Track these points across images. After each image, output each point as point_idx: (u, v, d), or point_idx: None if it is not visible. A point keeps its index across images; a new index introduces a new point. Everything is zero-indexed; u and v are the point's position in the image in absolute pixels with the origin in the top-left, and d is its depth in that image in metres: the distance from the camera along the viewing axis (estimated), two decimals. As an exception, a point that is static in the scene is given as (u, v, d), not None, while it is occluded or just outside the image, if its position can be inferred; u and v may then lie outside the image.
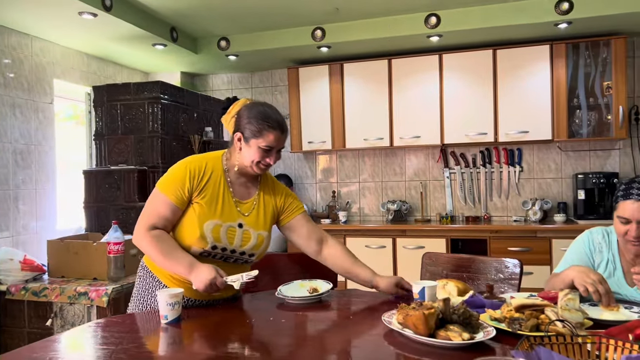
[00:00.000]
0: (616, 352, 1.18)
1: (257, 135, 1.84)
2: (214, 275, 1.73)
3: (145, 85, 3.84)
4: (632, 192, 1.84)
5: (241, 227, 1.89)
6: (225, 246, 1.86)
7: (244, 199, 1.94)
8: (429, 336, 1.38)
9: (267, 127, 1.84)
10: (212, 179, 1.88)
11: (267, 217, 1.97)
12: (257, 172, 1.91)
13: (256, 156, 1.85)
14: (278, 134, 1.86)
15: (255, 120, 1.84)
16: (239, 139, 1.88)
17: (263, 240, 1.94)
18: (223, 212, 1.87)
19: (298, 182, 5.15)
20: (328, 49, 4.40)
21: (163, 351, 1.49)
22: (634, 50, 4.31)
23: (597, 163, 4.42)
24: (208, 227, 1.83)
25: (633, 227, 1.82)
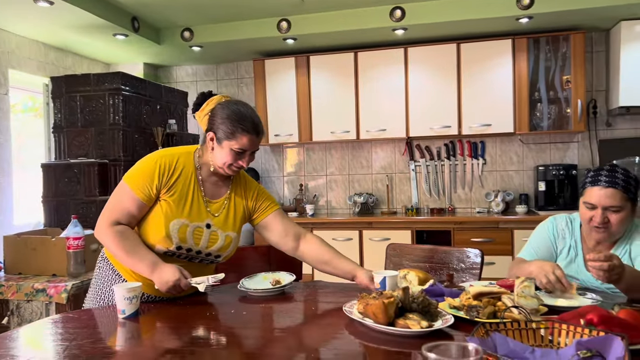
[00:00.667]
0: (568, 336, 1.21)
1: (230, 137, 1.75)
2: (177, 276, 1.69)
3: (105, 76, 3.74)
4: (600, 179, 1.88)
5: (209, 228, 1.83)
6: (190, 247, 1.81)
7: (214, 199, 1.87)
8: (388, 325, 1.38)
9: (242, 129, 1.74)
10: (183, 176, 1.81)
11: (236, 217, 1.91)
12: (228, 174, 1.84)
13: (228, 158, 1.78)
14: (252, 137, 1.77)
15: (229, 121, 1.75)
16: (211, 138, 1.80)
17: (231, 242, 1.89)
18: (191, 212, 1.80)
19: (265, 175, 5.12)
20: (294, 41, 4.37)
21: (120, 346, 1.45)
22: (592, 46, 4.43)
23: (557, 155, 4.54)
24: (174, 227, 1.76)
25: (598, 212, 1.86)
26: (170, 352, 1.34)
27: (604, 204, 1.85)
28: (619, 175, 1.86)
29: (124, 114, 3.69)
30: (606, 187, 1.85)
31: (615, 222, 1.85)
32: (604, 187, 1.85)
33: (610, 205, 1.84)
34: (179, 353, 1.34)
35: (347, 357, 1.28)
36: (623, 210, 1.84)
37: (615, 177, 1.85)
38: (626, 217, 1.86)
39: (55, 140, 3.78)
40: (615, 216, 1.84)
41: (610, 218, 1.85)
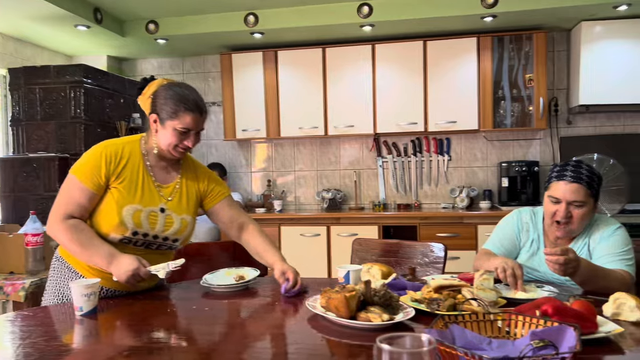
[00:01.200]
0: (524, 327, 1.24)
1: (172, 117, 1.77)
2: (136, 265, 1.68)
3: (66, 69, 3.65)
4: (565, 174, 1.91)
5: (163, 212, 1.83)
6: (146, 232, 1.80)
7: (165, 183, 1.88)
8: (350, 318, 1.39)
9: (184, 108, 1.77)
10: (130, 162, 1.81)
11: (190, 201, 1.92)
12: (175, 156, 1.85)
13: (173, 139, 1.79)
14: (196, 116, 1.79)
15: (171, 101, 1.77)
16: (154, 120, 1.80)
17: (187, 225, 1.89)
18: (143, 197, 1.80)
19: (232, 171, 5.08)
20: (262, 35, 4.34)
21: (77, 344, 1.42)
22: (554, 45, 4.54)
23: (519, 152, 4.64)
24: (128, 213, 1.76)
25: (562, 207, 1.89)
26: (128, 350, 1.32)
27: (568, 199, 1.89)
28: (584, 171, 1.90)
29: (85, 107, 3.61)
30: (571, 182, 1.88)
31: (577, 217, 1.89)
32: (569, 182, 1.89)
33: (575, 200, 1.88)
34: (137, 350, 1.31)
35: (309, 351, 1.28)
36: (585, 206, 1.89)
37: (581, 172, 1.90)
38: (588, 213, 1.90)
39: (13, 133, 3.66)
40: (578, 211, 1.89)
41: (573, 213, 1.89)
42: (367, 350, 1.26)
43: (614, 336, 1.29)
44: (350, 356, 1.26)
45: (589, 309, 1.33)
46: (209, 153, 5.14)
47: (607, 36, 4.09)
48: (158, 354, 1.29)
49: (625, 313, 1.42)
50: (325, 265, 4.31)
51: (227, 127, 4.71)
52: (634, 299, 1.43)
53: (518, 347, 1.13)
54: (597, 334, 1.26)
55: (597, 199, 1.93)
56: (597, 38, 4.10)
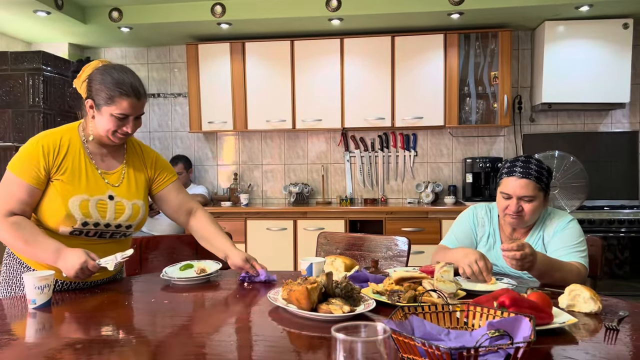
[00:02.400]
0: (482, 318, 1.25)
1: (109, 103, 1.69)
2: (83, 259, 1.62)
3: (24, 55, 3.52)
4: (515, 170, 1.97)
5: (112, 199, 1.78)
6: (97, 221, 1.74)
7: (110, 170, 1.82)
8: (311, 310, 1.38)
9: (120, 93, 1.68)
10: (70, 152, 1.74)
11: (139, 185, 1.87)
12: (115, 142, 1.78)
13: (110, 125, 1.72)
14: (133, 101, 1.71)
15: (107, 86, 1.68)
16: (90, 106, 1.73)
17: (139, 210, 1.84)
18: (88, 186, 1.74)
19: (198, 164, 5.01)
20: (229, 26, 4.28)
21: (29, 337, 1.37)
22: (519, 43, 4.63)
23: (484, 148, 4.72)
24: (74, 204, 1.70)
25: (513, 202, 1.95)
26: (81, 343, 1.28)
27: (518, 194, 1.94)
28: (533, 166, 1.96)
29: (44, 96, 3.49)
30: (520, 178, 1.94)
31: (528, 211, 1.95)
32: (518, 178, 1.94)
33: (524, 195, 1.93)
34: (91, 344, 1.27)
35: (270, 343, 1.27)
36: (536, 200, 1.94)
37: (529, 168, 1.95)
38: (539, 206, 1.96)
39: (-33, 121, 3.52)
40: (528, 205, 1.94)
41: (524, 207, 1.94)
42: (328, 341, 1.26)
43: (568, 327, 1.32)
44: (311, 348, 1.25)
45: (545, 301, 1.35)
46: (174, 145, 5.05)
47: (570, 36, 4.19)
48: (111, 347, 1.25)
49: (579, 304, 1.46)
50: (292, 259, 4.30)
51: (193, 118, 4.63)
52: (588, 290, 1.46)
53: (475, 338, 1.14)
54: (552, 325, 1.29)
55: (547, 192, 1.99)
56: (560, 37, 4.20)
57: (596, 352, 1.17)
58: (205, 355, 1.20)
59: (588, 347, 1.22)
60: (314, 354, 1.21)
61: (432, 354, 1.03)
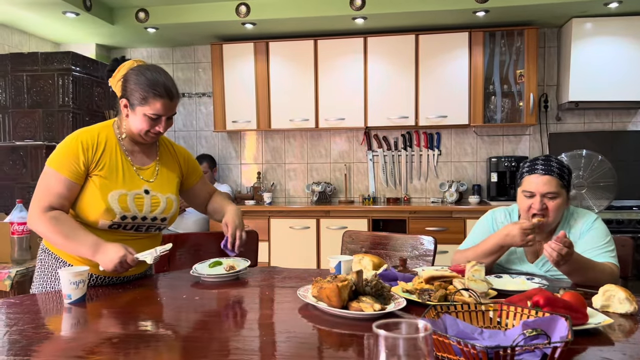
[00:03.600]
0: (515, 318, 1.24)
1: (142, 103, 1.74)
2: (122, 252, 1.66)
3: (54, 56, 3.59)
4: (537, 167, 1.95)
5: (148, 194, 1.84)
6: (135, 214, 1.80)
7: (144, 166, 1.88)
8: (342, 308, 1.39)
9: (154, 94, 1.73)
10: (107, 149, 1.79)
11: (171, 180, 1.94)
12: (147, 141, 1.84)
13: (144, 125, 1.77)
14: (166, 102, 1.75)
15: (141, 87, 1.73)
16: (125, 105, 1.78)
17: (172, 204, 1.91)
18: (125, 181, 1.80)
19: (222, 162, 5.05)
20: (253, 25, 4.31)
21: (65, 331, 1.40)
22: (545, 41, 4.56)
23: (509, 147, 4.66)
24: (113, 198, 1.75)
25: (537, 199, 1.92)
26: (116, 338, 1.30)
27: (541, 191, 1.91)
28: (554, 163, 1.94)
29: (74, 96, 3.56)
30: (543, 175, 1.92)
31: (552, 209, 1.91)
32: (541, 175, 1.92)
33: (548, 192, 1.91)
34: (125, 339, 1.30)
35: (300, 340, 1.28)
36: (559, 197, 1.92)
37: (551, 164, 1.94)
38: (562, 204, 1.93)
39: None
40: (552, 203, 1.91)
41: (548, 205, 1.91)
42: (358, 339, 1.26)
43: (603, 327, 1.30)
44: (342, 345, 1.26)
45: (579, 301, 1.34)
46: (198, 144, 5.10)
47: (598, 33, 4.11)
48: (146, 342, 1.27)
49: (614, 305, 1.44)
50: (315, 258, 4.31)
51: (217, 118, 4.68)
52: (623, 291, 1.44)
53: (510, 337, 1.13)
54: (587, 325, 1.27)
55: (569, 190, 1.96)
56: (587, 35, 4.13)
57: (633, 353, 1.15)
58: (237, 350, 1.21)
59: (625, 348, 1.20)
60: (345, 352, 1.22)
61: (468, 352, 1.02)
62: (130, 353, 1.19)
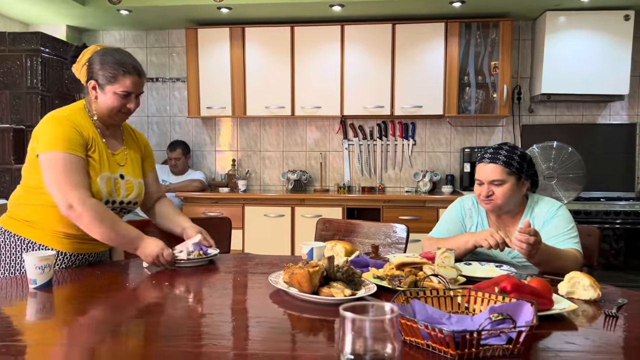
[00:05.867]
0: (483, 303, 1.26)
1: (112, 81, 1.76)
2: (161, 247, 1.75)
3: (23, 36, 3.49)
4: (485, 157, 2.04)
5: (123, 178, 1.86)
6: (114, 199, 1.82)
7: (116, 150, 1.89)
8: (313, 293, 1.39)
9: (123, 71, 1.76)
10: (89, 131, 1.79)
11: (139, 165, 1.98)
12: (117, 121, 1.86)
13: (115, 103, 1.78)
14: (135, 78, 1.79)
15: (109, 66, 1.76)
16: (93, 87, 1.78)
17: (142, 188, 1.95)
18: (108, 164, 1.81)
19: (196, 149, 4.99)
20: (229, 10, 4.24)
21: (31, 317, 1.37)
22: (519, 34, 4.61)
23: (482, 138, 4.72)
24: (102, 181, 1.77)
25: (484, 187, 2.00)
26: (83, 323, 1.28)
27: (487, 179, 1.99)
28: (503, 152, 2.01)
29: (42, 77, 3.46)
30: (488, 163, 2.00)
31: (498, 194, 1.98)
32: (487, 163, 2.01)
33: (494, 179, 1.98)
34: (93, 325, 1.28)
35: (271, 325, 1.28)
36: (505, 184, 1.98)
37: (499, 153, 2.00)
38: (510, 190, 1.98)
39: (-37, 102, 3.49)
40: (498, 189, 1.98)
41: (495, 191, 1.99)
42: (329, 324, 1.27)
43: (568, 313, 1.33)
44: (312, 330, 1.26)
45: (545, 287, 1.36)
46: (172, 130, 5.03)
47: (571, 27, 4.18)
48: (114, 327, 1.25)
49: (579, 291, 1.47)
50: (289, 246, 4.31)
51: (192, 104, 4.61)
52: (587, 278, 1.47)
53: (477, 322, 1.15)
54: (552, 311, 1.30)
55: (522, 177, 2.00)
56: (560, 28, 4.19)
57: (596, 338, 1.18)
58: (207, 334, 1.20)
59: (588, 332, 1.23)
60: (315, 336, 1.22)
61: (435, 337, 1.03)
62: (98, 339, 1.17)
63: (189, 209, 4.35)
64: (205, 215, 4.27)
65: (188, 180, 4.49)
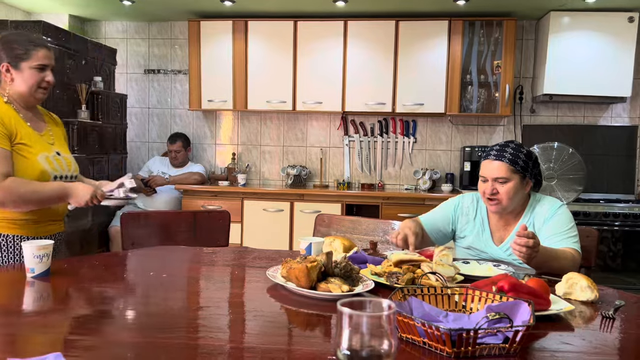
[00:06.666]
0: (480, 302, 1.26)
1: (26, 58, 1.80)
2: (92, 189, 1.81)
3: (25, 25, 3.47)
4: (490, 153, 2.03)
5: (60, 155, 1.92)
6: (61, 174, 1.89)
7: (41, 131, 1.92)
8: (310, 288, 1.39)
9: (34, 45, 1.82)
10: (12, 119, 1.80)
11: (65, 142, 2.05)
12: (39, 99, 1.87)
13: (34, 78, 1.81)
14: (46, 51, 1.85)
15: (19, 44, 1.81)
16: (6, 69, 1.81)
17: (75, 162, 2.03)
18: (41, 145, 1.85)
19: (196, 142, 4.98)
20: (232, 3, 4.23)
21: (28, 306, 1.37)
22: (523, 33, 4.60)
23: (483, 137, 4.71)
24: (42, 160, 1.81)
25: (488, 184, 1.99)
26: (80, 313, 1.28)
27: (492, 176, 1.99)
28: (509, 149, 2.00)
29: (44, 67, 3.45)
30: (493, 160, 1.99)
31: (503, 193, 1.97)
32: (492, 160, 2.00)
33: (498, 177, 1.97)
34: (90, 315, 1.28)
35: (267, 319, 1.28)
36: (510, 181, 1.97)
37: (504, 151, 2.00)
38: (514, 188, 1.97)
39: (-36, 89, 3.48)
40: (502, 187, 1.97)
41: (499, 189, 1.98)
42: (326, 319, 1.27)
43: (565, 313, 1.33)
44: (309, 325, 1.26)
45: (543, 287, 1.36)
46: (172, 122, 5.02)
47: (575, 28, 4.16)
48: (111, 319, 1.25)
49: (576, 292, 1.47)
50: (287, 241, 4.31)
51: (193, 96, 4.60)
52: (585, 279, 1.47)
53: (474, 321, 1.15)
54: (550, 311, 1.30)
55: (526, 175, 2.00)
56: (564, 29, 4.17)
57: (592, 339, 1.19)
58: (204, 327, 1.20)
59: (585, 333, 1.24)
60: (312, 331, 1.22)
61: (432, 334, 1.04)
62: (94, 329, 1.17)
63: (188, 201, 4.35)
64: (205, 208, 4.27)
65: (188, 173, 4.49)
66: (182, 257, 1.91)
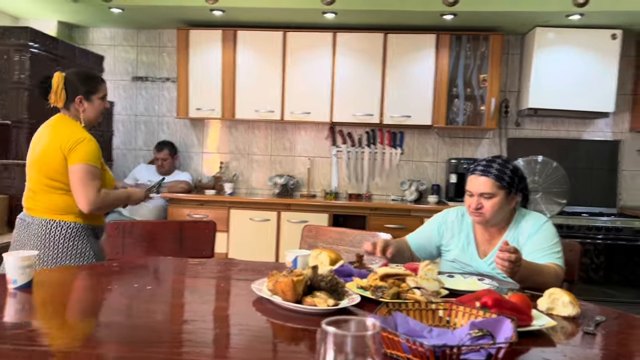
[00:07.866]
0: (464, 317, 1.27)
1: (95, 91, 2.28)
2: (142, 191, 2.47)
3: (11, 30, 3.45)
4: (477, 168, 2.05)
5: None
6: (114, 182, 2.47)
7: None
8: (296, 302, 1.39)
9: (100, 80, 2.34)
10: None
11: None
12: (99, 121, 2.38)
13: (102, 106, 2.33)
14: (105, 84, 2.36)
15: (88, 80, 2.27)
16: (80, 101, 2.23)
17: None
18: None
19: (183, 150, 4.96)
20: (222, 12, 4.24)
21: (9, 317, 1.35)
22: (509, 48, 4.67)
23: (469, 150, 4.76)
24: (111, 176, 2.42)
25: (474, 199, 2.02)
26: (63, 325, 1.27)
27: (478, 191, 2.01)
28: (495, 165, 2.03)
29: (30, 73, 3.42)
30: (479, 176, 2.02)
31: (488, 207, 2.00)
32: (478, 176, 2.03)
33: (483, 192, 2.00)
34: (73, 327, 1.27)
35: (253, 333, 1.28)
36: (495, 197, 2.00)
37: (491, 167, 2.03)
38: (499, 203, 2.00)
39: (-52, 95, 3.44)
40: (487, 202, 2.00)
41: (484, 204, 2.01)
42: (311, 334, 1.27)
43: (547, 329, 1.35)
44: (294, 339, 1.27)
45: (525, 302, 1.38)
46: (159, 130, 5.00)
47: (559, 43, 4.24)
48: (95, 331, 1.25)
49: (558, 308, 1.49)
50: (274, 251, 4.30)
51: (181, 104, 4.59)
52: (567, 294, 1.49)
53: (457, 336, 1.16)
54: (532, 327, 1.31)
55: (511, 191, 2.03)
56: (549, 44, 4.25)
57: (573, 355, 1.20)
58: (190, 341, 1.20)
59: (566, 350, 1.25)
60: (297, 346, 1.22)
61: (416, 350, 1.04)
62: (78, 342, 1.16)
63: (174, 210, 4.33)
64: (191, 217, 4.25)
65: (174, 181, 4.47)
66: (167, 268, 1.90)
